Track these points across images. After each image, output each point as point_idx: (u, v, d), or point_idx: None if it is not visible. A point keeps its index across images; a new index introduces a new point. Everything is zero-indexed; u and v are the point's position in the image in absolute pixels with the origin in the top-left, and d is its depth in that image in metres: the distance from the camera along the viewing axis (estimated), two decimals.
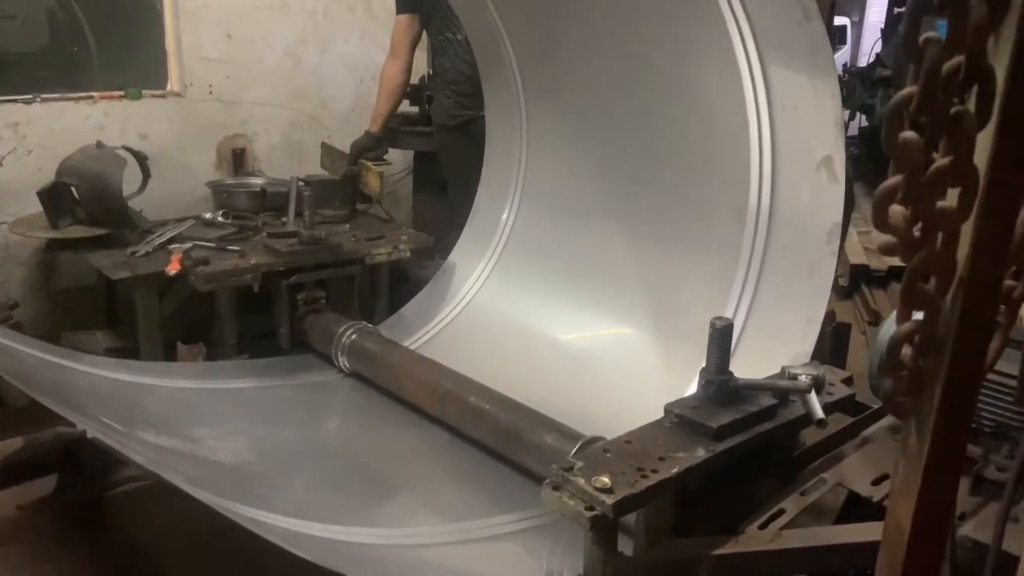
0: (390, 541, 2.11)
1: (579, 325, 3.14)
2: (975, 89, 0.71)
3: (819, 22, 2.24)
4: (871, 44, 9.43)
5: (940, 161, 0.72)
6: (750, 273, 2.54)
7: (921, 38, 0.68)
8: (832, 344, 3.03)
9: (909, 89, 0.70)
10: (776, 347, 2.38)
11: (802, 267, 2.41)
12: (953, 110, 0.71)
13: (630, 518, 1.75)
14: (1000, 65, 0.70)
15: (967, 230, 0.76)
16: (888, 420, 2.22)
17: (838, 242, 2.32)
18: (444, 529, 2.23)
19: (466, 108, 3.87)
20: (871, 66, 8.44)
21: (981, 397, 1.81)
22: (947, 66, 0.68)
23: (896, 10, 8.76)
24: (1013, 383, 1.76)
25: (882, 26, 9.35)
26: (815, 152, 2.34)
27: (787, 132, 2.45)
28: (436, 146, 4.19)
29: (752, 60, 2.45)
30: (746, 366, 2.32)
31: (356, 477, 2.59)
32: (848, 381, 2.18)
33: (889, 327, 1.99)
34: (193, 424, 2.64)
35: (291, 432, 2.80)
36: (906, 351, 0.84)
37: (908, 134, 0.71)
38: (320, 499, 2.34)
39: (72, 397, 2.43)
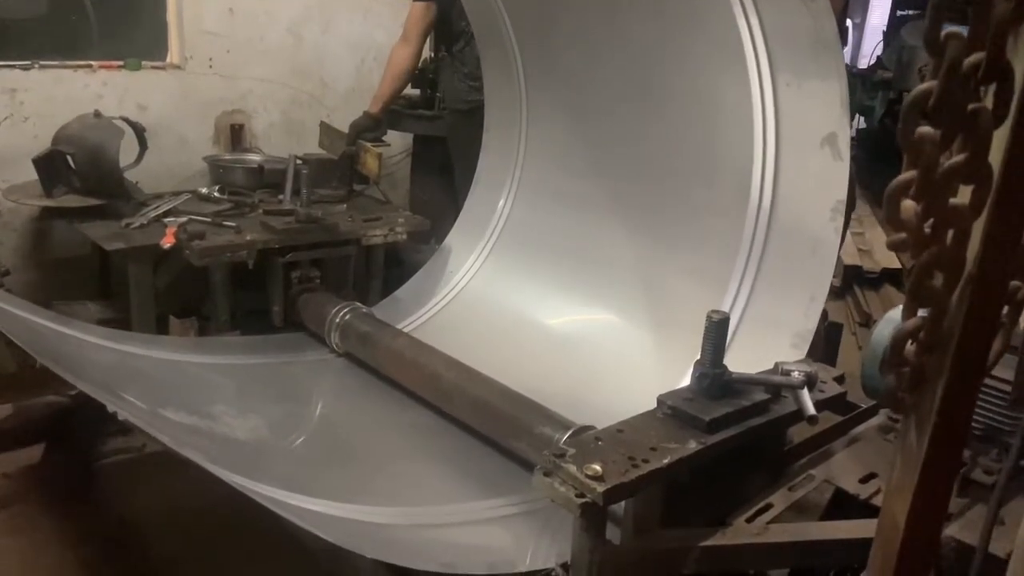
0: (379, 519, 2.11)
1: (573, 313, 3.15)
2: (993, 87, 0.71)
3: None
4: (872, 46, 9.43)
5: (955, 158, 0.72)
6: (753, 250, 2.54)
7: (943, 33, 0.68)
8: (824, 343, 3.04)
9: (928, 83, 0.70)
10: (779, 325, 2.39)
11: (805, 244, 2.41)
12: (971, 107, 0.71)
13: (618, 507, 1.76)
14: (1020, 63, 0.70)
15: (978, 228, 0.77)
16: (878, 419, 2.23)
17: (842, 219, 2.32)
18: (432, 511, 2.24)
19: (480, 92, 3.87)
20: (872, 68, 8.45)
21: None
22: (967, 62, 0.68)
23: (899, 13, 8.76)
24: (1004, 387, 1.77)
25: (884, 29, 9.36)
26: (819, 129, 2.34)
27: (791, 109, 2.44)
28: (446, 130, 4.19)
29: (756, 37, 2.44)
30: (749, 345, 2.34)
31: (345, 456, 2.59)
32: (840, 379, 2.19)
33: (883, 328, 2.00)
34: (181, 397, 2.64)
35: (282, 409, 2.80)
36: (910, 347, 0.84)
37: (924, 129, 0.71)
38: (309, 475, 2.34)
39: (68, 363, 2.42)
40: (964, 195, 0.76)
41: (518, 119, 3.50)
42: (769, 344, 2.31)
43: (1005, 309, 0.92)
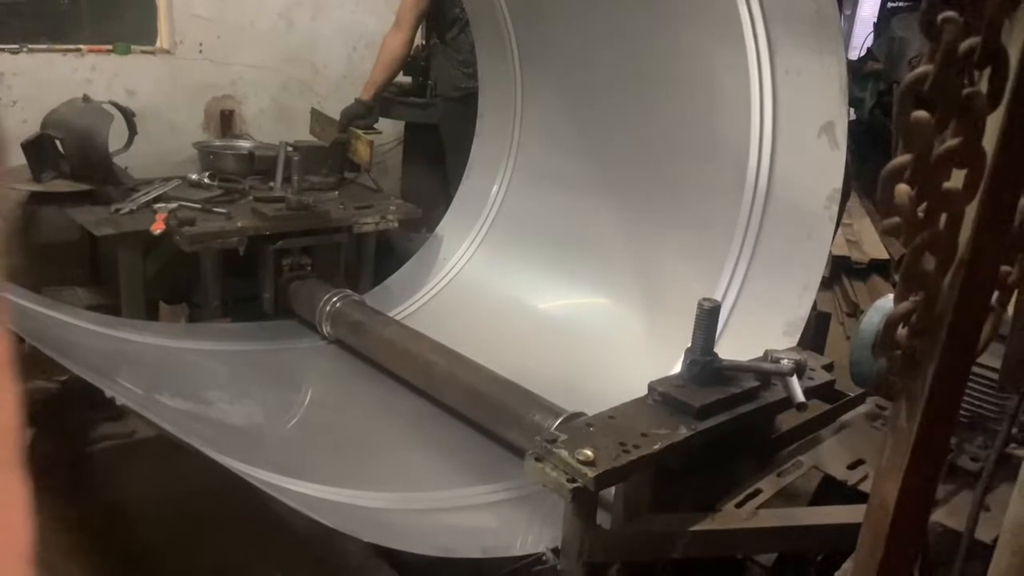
0: (374, 504, 2.12)
1: (567, 299, 3.15)
2: (988, 71, 0.72)
3: None
4: (863, 38, 9.43)
5: (949, 142, 0.73)
6: (747, 238, 2.56)
7: (939, 17, 0.68)
8: (812, 332, 3.06)
9: (924, 68, 0.70)
10: (773, 312, 2.41)
11: (800, 232, 2.43)
12: (965, 91, 0.72)
13: (608, 493, 1.78)
14: (1014, 48, 0.71)
15: (970, 212, 0.78)
16: (865, 407, 2.26)
17: (836, 208, 2.33)
18: (425, 496, 2.24)
19: (473, 79, 3.86)
20: (862, 59, 8.45)
21: None
22: (963, 46, 0.69)
23: (889, 4, 8.77)
24: (991, 374, 1.79)
25: (874, 20, 9.36)
26: (817, 118, 2.35)
27: (790, 97, 2.46)
28: (438, 117, 4.18)
29: (757, 23, 2.45)
30: (742, 331, 2.36)
31: (339, 443, 2.60)
32: (828, 367, 2.21)
33: (871, 316, 2.02)
34: (175, 383, 2.64)
35: (275, 396, 2.80)
36: (901, 331, 0.85)
37: (920, 113, 0.72)
38: (303, 461, 2.34)
39: (63, 349, 2.41)
40: (957, 179, 0.77)
41: (512, 102, 3.50)
42: (762, 330, 2.33)
43: (996, 294, 0.93)
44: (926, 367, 0.85)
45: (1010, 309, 1.07)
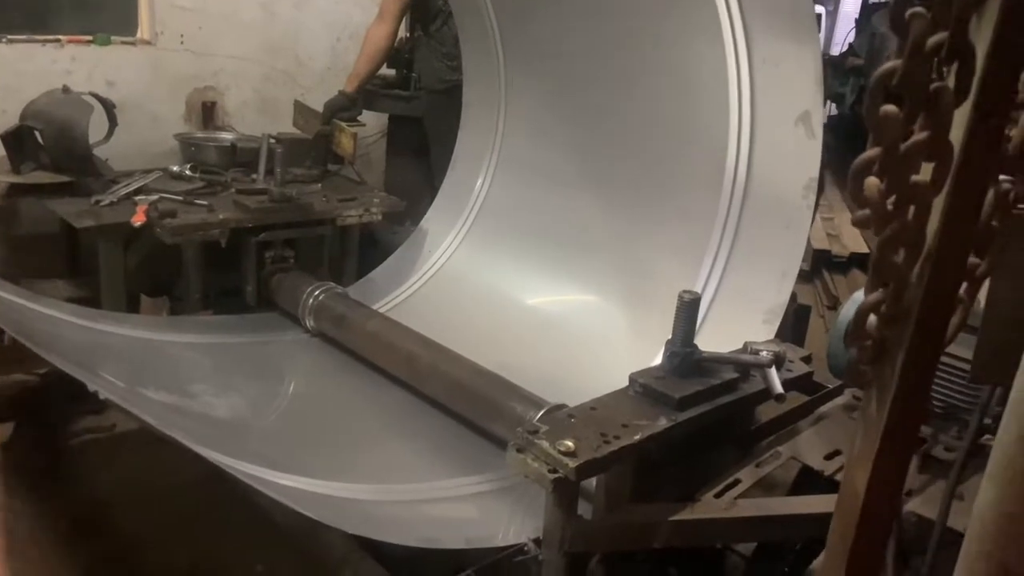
0: (358, 496, 2.12)
1: (550, 293, 3.17)
2: (955, 66, 0.74)
3: None
4: (844, 34, 9.50)
5: (917, 135, 0.74)
6: (727, 227, 2.58)
7: (908, 13, 0.70)
8: (792, 325, 3.10)
9: (893, 62, 0.72)
10: (752, 300, 2.44)
11: (778, 221, 2.45)
12: (933, 86, 0.73)
13: (589, 484, 1.79)
14: (981, 43, 0.72)
15: (938, 205, 0.79)
16: (843, 399, 2.29)
17: (814, 196, 2.36)
18: (409, 488, 2.25)
19: (457, 71, 3.86)
20: (843, 55, 8.51)
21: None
22: (931, 41, 0.71)
23: (871, 0, 8.84)
24: (964, 365, 1.82)
25: (856, 16, 9.43)
26: (794, 107, 2.38)
27: (767, 87, 2.48)
28: (422, 110, 4.18)
29: (734, 14, 2.47)
30: (723, 320, 2.38)
31: (323, 435, 2.60)
32: (807, 359, 2.23)
33: (849, 308, 2.04)
34: (158, 376, 2.63)
35: (259, 389, 2.80)
36: (872, 321, 0.87)
37: (888, 107, 0.73)
38: (288, 454, 2.34)
39: (44, 342, 2.40)
40: (926, 172, 0.78)
41: (497, 94, 3.50)
42: (742, 319, 2.35)
43: (964, 285, 0.95)
44: (895, 356, 0.87)
45: (982, 300, 1.09)
